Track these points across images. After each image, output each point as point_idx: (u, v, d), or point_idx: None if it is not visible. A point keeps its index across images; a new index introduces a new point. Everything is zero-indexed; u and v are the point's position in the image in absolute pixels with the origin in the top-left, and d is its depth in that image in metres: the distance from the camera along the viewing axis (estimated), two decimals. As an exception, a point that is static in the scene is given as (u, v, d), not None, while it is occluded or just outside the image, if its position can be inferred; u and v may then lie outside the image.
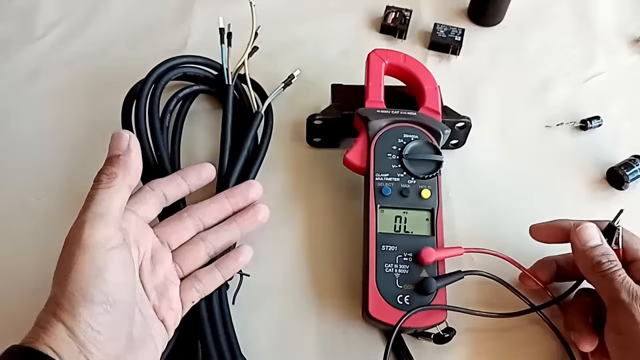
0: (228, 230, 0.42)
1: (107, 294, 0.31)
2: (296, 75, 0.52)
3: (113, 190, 0.34)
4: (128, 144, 0.36)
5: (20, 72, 0.54)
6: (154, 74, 0.48)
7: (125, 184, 0.35)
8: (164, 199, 0.40)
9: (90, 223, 0.32)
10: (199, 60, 0.51)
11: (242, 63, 0.50)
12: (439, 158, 0.44)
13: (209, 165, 0.43)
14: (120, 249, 0.33)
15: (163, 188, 0.40)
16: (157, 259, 0.39)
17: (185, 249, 0.40)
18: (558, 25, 0.61)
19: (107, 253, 0.32)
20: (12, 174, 0.49)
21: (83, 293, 0.31)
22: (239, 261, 0.42)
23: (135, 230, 0.37)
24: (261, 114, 0.49)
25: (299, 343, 0.42)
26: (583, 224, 0.40)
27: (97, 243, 0.32)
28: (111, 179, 0.34)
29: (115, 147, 0.36)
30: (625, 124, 0.54)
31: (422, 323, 0.40)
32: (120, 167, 0.35)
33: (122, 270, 0.33)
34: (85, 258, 0.31)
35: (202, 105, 0.53)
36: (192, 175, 0.42)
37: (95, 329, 0.31)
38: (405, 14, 0.59)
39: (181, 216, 0.41)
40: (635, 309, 0.36)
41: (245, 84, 0.50)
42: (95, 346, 0.30)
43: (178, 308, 0.39)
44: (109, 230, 0.33)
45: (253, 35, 0.50)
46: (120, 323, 0.33)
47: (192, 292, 0.39)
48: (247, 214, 0.43)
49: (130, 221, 0.37)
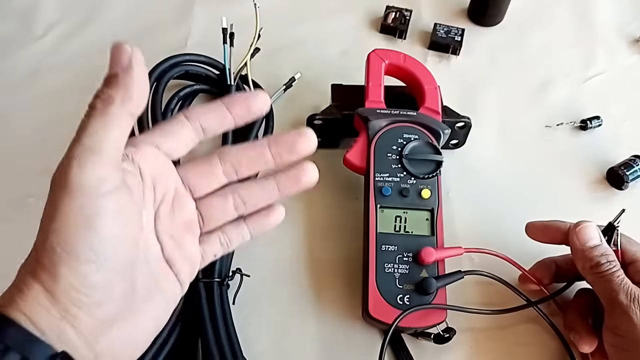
0: (264, 188, 0.35)
1: (97, 250, 0.26)
2: (297, 78, 0.52)
3: (109, 119, 0.27)
4: (129, 59, 0.28)
5: (20, 72, 0.54)
6: (156, 70, 0.48)
7: (124, 111, 0.28)
8: (201, 132, 0.32)
9: (79, 160, 0.26)
10: (201, 59, 0.51)
11: (245, 64, 0.50)
12: (439, 158, 0.44)
13: (262, 93, 0.33)
14: (117, 194, 0.27)
15: (201, 118, 0.32)
16: (177, 204, 0.33)
17: (212, 200, 0.34)
18: (558, 25, 0.61)
19: (99, 199, 0.26)
20: (12, 173, 0.49)
21: (67, 248, 0.25)
22: (270, 219, 0.36)
23: (153, 168, 0.31)
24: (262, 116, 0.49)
25: (299, 343, 0.42)
26: (583, 224, 0.40)
27: (86, 186, 0.26)
28: (107, 105, 0.27)
29: (114, 63, 0.28)
30: (625, 124, 0.54)
31: (422, 323, 0.40)
32: (120, 90, 0.28)
33: (118, 219, 0.27)
34: (71, 204, 0.26)
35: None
36: (240, 105, 0.33)
37: (82, 292, 0.26)
38: (405, 14, 0.59)
39: (211, 158, 0.34)
40: (633, 311, 0.36)
41: (247, 85, 0.50)
42: (81, 310, 0.26)
43: (196, 261, 0.34)
44: (102, 170, 0.26)
45: (256, 36, 0.50)
46: (114, 282, 0.27)
47: (216, 244, 0.34)
48: (289, 172, 0.35)
49: (147, 156, 0.31)
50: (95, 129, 0.27)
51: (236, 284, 0.42)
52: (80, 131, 0.27)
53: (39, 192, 0.48)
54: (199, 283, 0.41)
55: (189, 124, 0.32)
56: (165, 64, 0.48)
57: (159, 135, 0.32)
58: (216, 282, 0.41)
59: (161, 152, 0.32)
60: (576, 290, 0.43)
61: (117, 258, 0.27)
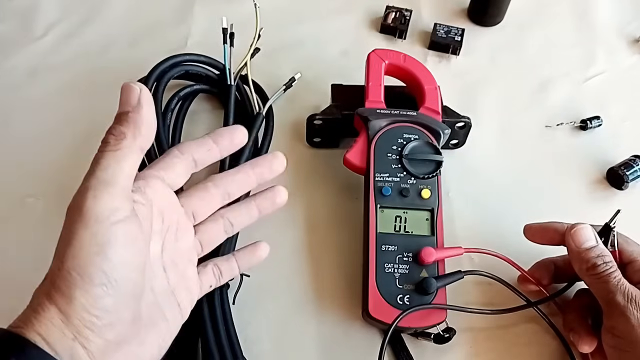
0: (248, 209, 0.39)
1: (109, 275, 0.28)
2: (297, 78, 0.52)
3: (121, 154, 0.30)
4: (139, 98, 0.31)
5: (20, 72, 0.54)
6: (156, 70, 0.48)
7: (135, 146, 0.30)
8: (193, 165, 0.36)
9: (94, 192, 0.28)
10: (201, 59, 0.51)
11: (245, 64, 0.50)
12: (439, 158, 0.44)
13: (241, 128, 0.38)
14: (127, 223, 0.29)
15: (193, 152, 0.36)
16: (181, 232, 0.35)
17: (208, 225, 0.38)
18: (558, 25, 0.61)
19: (111, 227, 0.28)
20: (12, 174, 0.49)
21: (81, 272, 0.27)
22: (256, 255, 0.40)
23: (161, 199, 0.34)
24: (262, 116, 0.49)
25: (299, 343, 0.42)
26: (578, 226, 0.40)
27: (100, 215, 0.28)
28: (119, 141, 0.30)
29: (125, 102, 0.31)
30: (625, 124, 0.54)
31: (422, 323, 0.40)
32: (130, 126, 0.30)
33: (128, 247, 0.29)
34: (86, 232, 0.28)
35: (201, 105, 0.53)
36: (224, 139, 0.37)
37: (93, 314, 0.27)
38: (405, 14, 0.59)
39: (206, 186, 0.38)
40: (630, 311, 0.36)
41: (247, 85, 0.50)
42: (92, 332, 0.27)
43: (195, 290, 0.36)
44: (114, 201, 0.29)
45: (256, 36, 0.50)
46: (124, 306, 0.29)
47: (211, 275, 0.38)
48: (266, 195, 0.40)
49: (156, 189, 0.33)
50: (108, 163, 0.29)
51: (236, 284, 0.42)
52: (95, 164, 0.30)
53: (38, 192, 0.48)
54: None
55: (184, 158, 0.36)
56: (165, 64, 0.49)
57: (162, 169, 0.34)
58: None
59: (166, 185, 0.34)
60: (576, 291, 0.43)
61: (126, 283, 0.29)
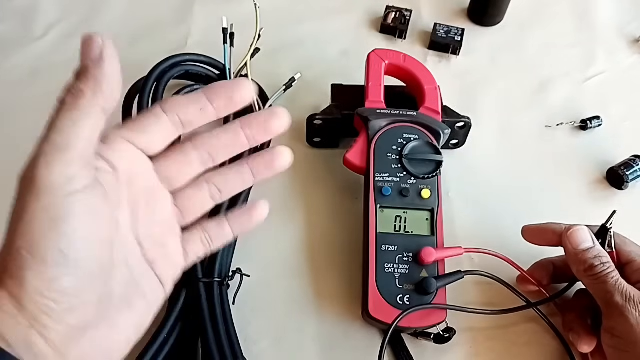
0: (239, 173, 0.33)
1: (67, 253, 0.24)
2: (297, 78, 0.52)
3: (79, 114, 0.26)
4: (101, 51, 0.27)
5: (21, 72, 0.54)
6: (156, 70, 0.48)
7: (96, 106, 0.26)
8: (180, 126, 0.30)
9: (46, 158, 0.25)
10: (201, 59, 0.51)
11: (245, 64, 0.50)
12: (439, 158, 0.44)
13: (245, 82, 0.31)
14: (87, 193, 0.26)
15: (179, 110, 0.30)
16: (155, 200, 0.31)
17: (188, 192, 0.32)
18: (558, 25, 0.61)
19: (67, 198, 0.25)
20: (12, 174, 0.49)
21: (32, 251, 0.24)
22: (252, 217, 0.34)
23: (128, 165, 0.29)
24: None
25: (299, 343, 0.42)
26: (575, 227, 0.40)
27: (53, 185, 0.24)
28: (77, 99, 0.26)
29: (84, 56, 0.27)
30: (625, 124, 0.54)
31: (422, 323, 0.40)
32: (90, 83, 0.26)
33: (89, 220, 0.26)
34: (37, 205, 0.24)
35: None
36: (221, 96, 0.31)
37: (50, 297, 0.24)
38: (405, 14, 0.59)
39: (184, 147, 0.32)
40: (629, 311, 0.36)
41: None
42: (50, 318, 0.24)
43: (178, 261, 0.32)
44: (70, 168, 0.25)
45: (257, 37, 0.50)
46: (87, 286, 0.26)
47: (198, 244, 0.33)
48: (263, 156, 0.33)
49: (124, 153, 0.29)
50: (64, 125, 0.25)
51: (236, 284, 0.42)
52: (49, 127, 0.26)
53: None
54: (199, 283, 0.41)
55: (167, 117, 0.30)
56: (165, 64, 0.48)
57: (135, 130, 0.29)
58: (216, 282, 0.41)
59: (137, 149, 0.30)
60: (575, 291, 0.43)
61: (88, 261, 0.26)
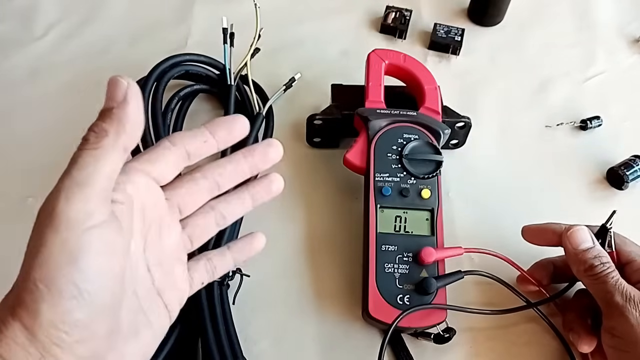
0: (240, 199, 0.36)
1: (81, 286, 0.25)
2: (297, 78, 0.52)
3: (101, 153, 0.27)
4: (125, 93, 0.28)
5: (20, 72, 0.54)
6: (157, 70, 0.48)
7: (118, 145, 0.27)
8: (186, 157, 0.33)
9: (66, 194, 0.26)
10: (201, 59, 0.51)
11: (245, 64, 0.50)
12: (439, 158, 0.44)
13: (241, 117, 0.34)
14: (104, 227, 0.27)
15: (186, 144, 0.32)
16: (164, 228, 0.32)
17: (196, 219, 0.35)
18: (558, 25, 0.61)
19: (85, 233, 0.26)
20: (12, 174, 0.49)
21: (49, 284, 0.24)
22: (252, 246, 0.38)
23: (143, 196, 0.31)
24: (262, 115, 0.49)
25: (299, 343, 0.42)
26: (574, 227, 0.40)
27: (72, 220, 0.25)
28: (100, 139, 0.27)
29: (110, 97, 0.28)
30: (625, 124, 0.54)
31: (422, 323, 0.40)
32: (113, 123, 0.27)
33: (105, 254, 0.27)
34: (55, 239, 0.25)
35: (202, 105, 0.53)
36: (222, 129, 0.34)
37: (63, 329, 0.25)
38: (405, 14, 0.59)
39: (194, 176, 0.34)
40: (629, 311, 0.36)
41: (247, 85, 0.50)
42: (61, 349, 0.25)
43: (184, 288, 0.34)
44: (89, 204, 0.26)
45: (257, 37, 0.50)
46: (98, 319, 0.27)
47: (203, 272, 0.35)
48: (261, 183, 0.37)
49: (139, 184, 0.30)
50: (86, 162, 0.27)
51: (236, 284, 0.42)
52: (71, 164, 0.27)
53: (39, 192, 0.48)
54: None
55: (175, 150, 0.32)
56: (165, 64, 0.49)
57: (148, 162, 0.31)
58: (216, 282, 0.41)
59: (151, 179, 0.31)
60: (575, 291, 0.43)
61: (101, 295, 0.26)
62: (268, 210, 0.47)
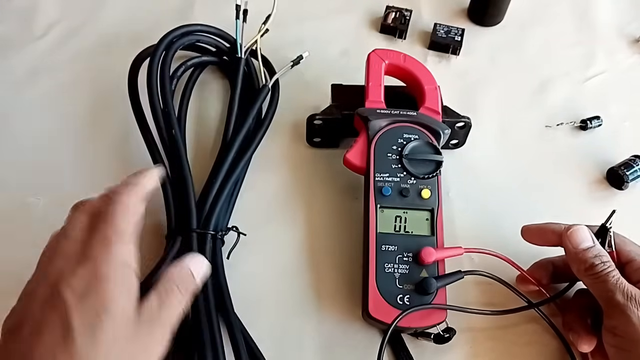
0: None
1: None
2: (305, 57, 0.52)
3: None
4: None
5: (20, 72, 0.54)
6: (167, 37, 0.49)
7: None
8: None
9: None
10: (212, 30, 0.52)
11: (255, 41, 0.51)
12: (439, 158, 0.44)
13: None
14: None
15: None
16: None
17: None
18: (558, 25, 0.61)
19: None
20: (12, 174, 0.49)
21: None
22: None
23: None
24: (268, 88, 0.50)
25: (299, 343, 0.42)
26: (574, 227, 0.40)
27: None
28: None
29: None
30: (625, 124, 0.54)
31: (421, 323, 0.40)
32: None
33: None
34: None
35: (207, 78, 0.54)
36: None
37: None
38: (405, 14, 0.59)
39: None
40: (631, 310, 0.36)
41: (256, 59, 0.52)
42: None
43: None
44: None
45: (273, 15, 0.51)
46: None
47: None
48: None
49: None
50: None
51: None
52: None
53: (39, 192, 0.48)
54: (193, 233, 0.41)
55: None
56: (176, 32, 0.49)
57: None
58: (209, 234, 0.41)
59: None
60: (575, 291, 0.43)
61: None
62: (268, 211, 0.48)
